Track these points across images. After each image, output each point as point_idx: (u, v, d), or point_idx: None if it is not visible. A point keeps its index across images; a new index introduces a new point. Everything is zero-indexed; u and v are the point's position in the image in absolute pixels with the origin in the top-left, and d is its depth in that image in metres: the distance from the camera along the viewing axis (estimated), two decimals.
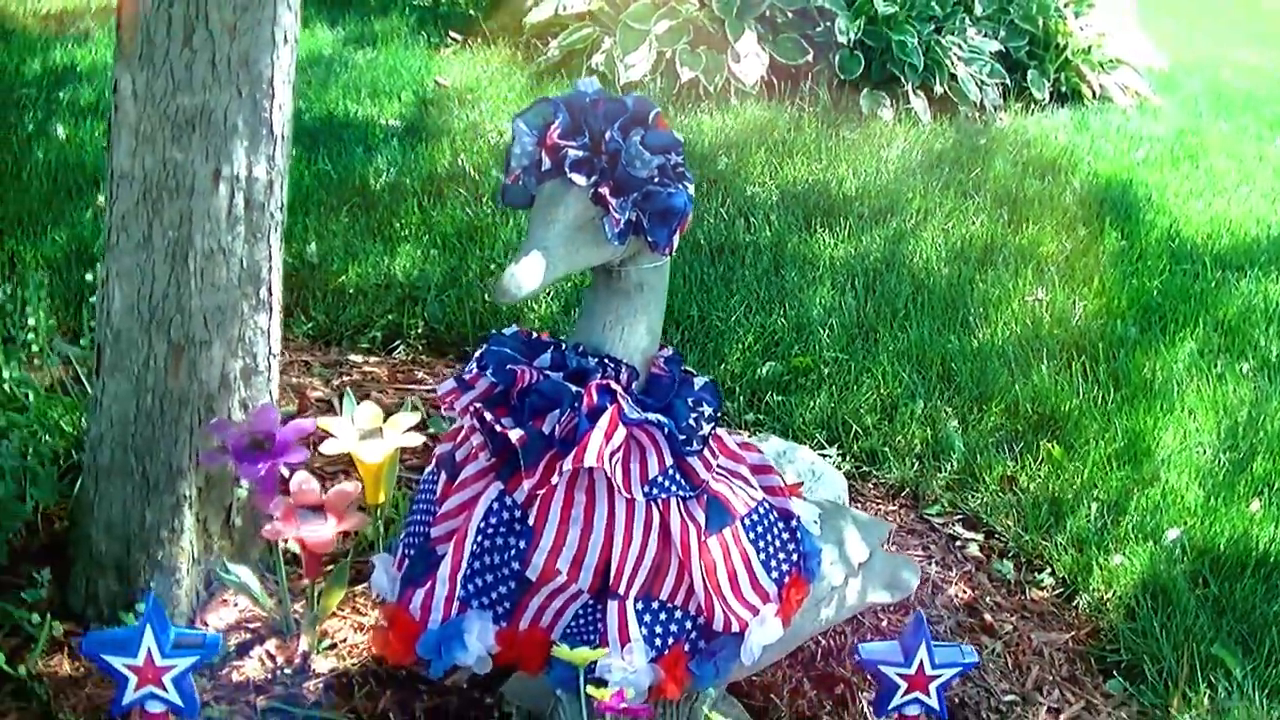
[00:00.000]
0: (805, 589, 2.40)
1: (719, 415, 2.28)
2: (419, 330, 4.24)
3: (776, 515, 2.40)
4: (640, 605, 2.22)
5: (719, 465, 2.34)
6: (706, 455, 2.27)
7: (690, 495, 2.23)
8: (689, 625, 2.26)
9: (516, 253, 2.06)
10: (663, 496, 2.20)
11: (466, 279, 4.50)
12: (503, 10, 7.74)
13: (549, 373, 2.19)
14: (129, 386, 2.59)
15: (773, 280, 4.78)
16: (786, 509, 2.42)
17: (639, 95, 2.18)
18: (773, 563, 2.35)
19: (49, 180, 4.87)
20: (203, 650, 2.14)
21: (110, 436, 2.63)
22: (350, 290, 4.36)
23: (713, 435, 2.30)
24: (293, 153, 2.67)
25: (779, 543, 2.37)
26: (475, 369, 2.27)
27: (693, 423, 2.22)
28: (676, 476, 2.21)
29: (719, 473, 2.33)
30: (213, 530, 2.74)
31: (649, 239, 2.14)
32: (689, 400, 2.25)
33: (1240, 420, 4.20)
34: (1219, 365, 4.57)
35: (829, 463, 3.43)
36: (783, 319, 4.51)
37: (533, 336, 2.30)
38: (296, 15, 2.56)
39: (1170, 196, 6.35)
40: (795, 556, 2.39)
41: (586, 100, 2.15)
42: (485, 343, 3.81)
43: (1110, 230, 5.67)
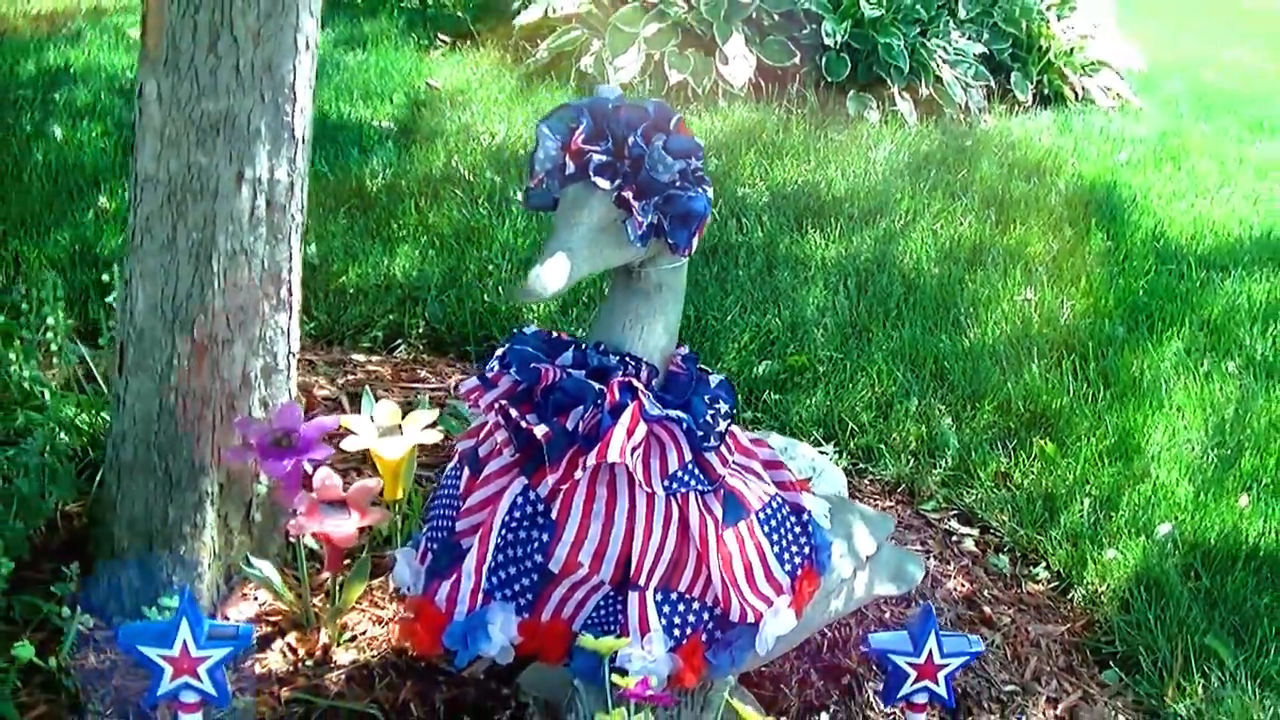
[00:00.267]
0: (817, 581, 2.47)
1: (734, 412, 2.35)
2: (420, 330, 4.29)
3: (789, 509, 2.46)
4: (660, 597, 2.29)
5: (733, 461, 2.40)
6: (723, 451, 2.33)
7: (708, 490, 2.30)
8: (706, 616, 2.32)
9: (540, 254, 2.12)
10: (682, 491, 2.26)
11: (465, 279, 4.56)
12: (491, 12, 7.81)
13: (571, 371, 2.25)
14: (152, 385, 2.64)
15: (766, 280, 4.85)
16: (798, 503, 2.49)
17: (659, 101, 2.24)
18: (786, 555, 2.41)
19: (49, 181, 4.92)
20: (236, 641, 2.19)
21: (133, 434, 2.68)
22: (351, 290, 4.41)
23: (728, 431, 2.37)
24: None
25: (791, 536, 2.44)
26: (497, 367, 2.33)
27: (710, 419, 2.29)
28: (695, 471, 2.28)
29: (733, 468, 2.39)
30: (233, 526, 2.79)
31: (669, 241, 2.21)
32: (705, 397, 2.32)
33: (1227, 417, 4.28)
34: (1205, 364, 4.65)
35: (827, 460, 3.50)
36: (777, 319, 4.58)
37: (552, 335, 2.36)
38: (318, 21, 2.62)
39: (1154, 198, 6.44)
40: (807, 549, 2.45)
41: (609, 106, 2.22)
42: (484, 341, 3.87)
43: (1096, 231, 5.76)
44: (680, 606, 2.30)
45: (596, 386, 2.21)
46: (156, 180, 2.55)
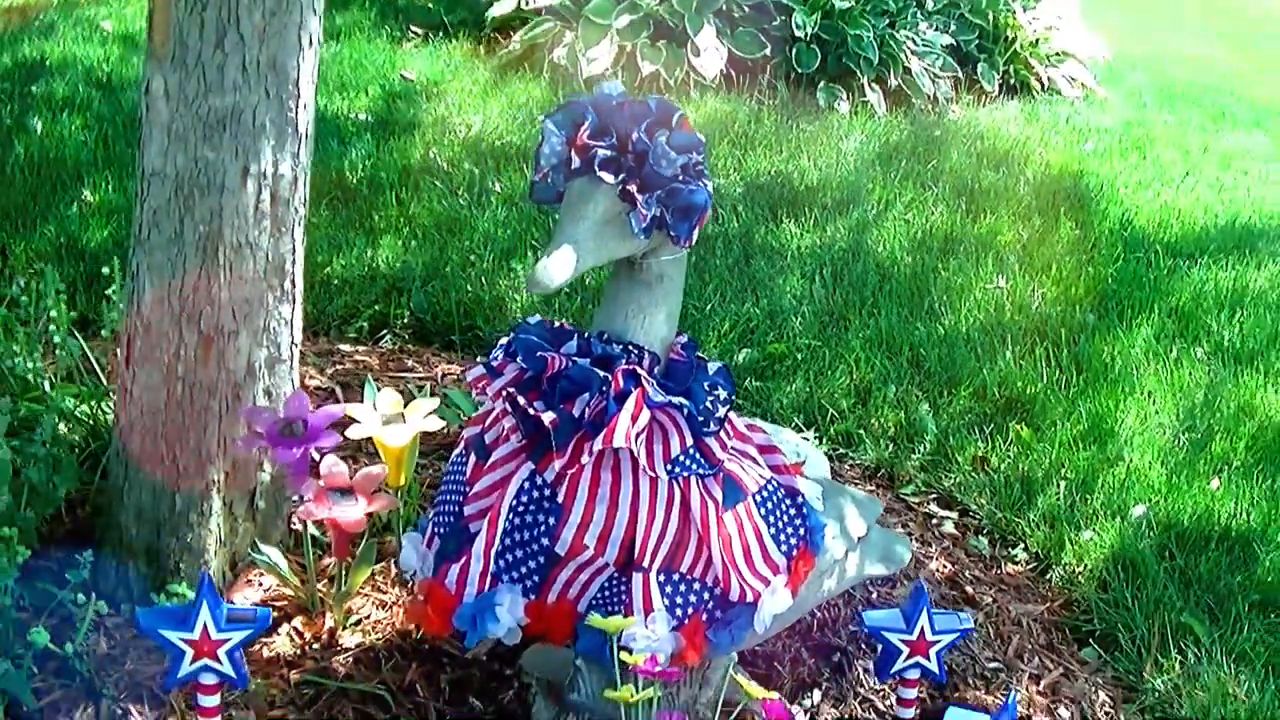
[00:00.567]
0: (812, 561, 2.55)
1: (733, 398, 2.42)
2: (405, 320, 4.35)
3: (784, 492, 2.54)
4: (662, 577, 2.36)
5: (731, 446, 2.48)
6: (722, 436, 2.41)
7: (708, 473, 2.37)
8: (707, 596, 2.40)
9: (548, 246, 2.19)
10: (683, 475, 2.34)
11: (448, 270, 4.61)
12: (463, 4, 7.85)
13: (577, 359, 2.32)
14: (159, 376, 2.70)
15: (744, 270, 4.92)
16: (792, 486, 2.57)
17: (661, 98, 2.31)
18: (781, 536, 2.49)
19: (32, 175, 4.95)
20: (254, 624, 2.26)
21: (140, 424, 2.74)
22: (336, 281, 4.47)
23: (726, 417, 2.44)
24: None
25: (787, 518, 2.52)
26: (502, 356, 2.40)
27: (709, 405, 2.36)
28: (696, 455, 2.35)
29: (731, 453, 2.46)
30: (238, 514, 2.85)
31: (671, 233, 2.28)
32: (705, 384, 2.39)
33: (1197, 402, 4.38)
34: (1175, 350, 4.75)
35: (811, 445, 3.57)
36: (756, 307, 4.65)
37: (555, 325, 2.43)
38: (320, 18, 2.67)
39: (1120, 187, 6.54)
40: (802, 531, 2.54)
41: (612, 102, 2.29)
42: (468, 331, 3.94)
43: (1065, 220, 5.85)
44: (682, 587, 2.38)
45: (601, 374, 2.29)
46: (164, 175, 2.61)
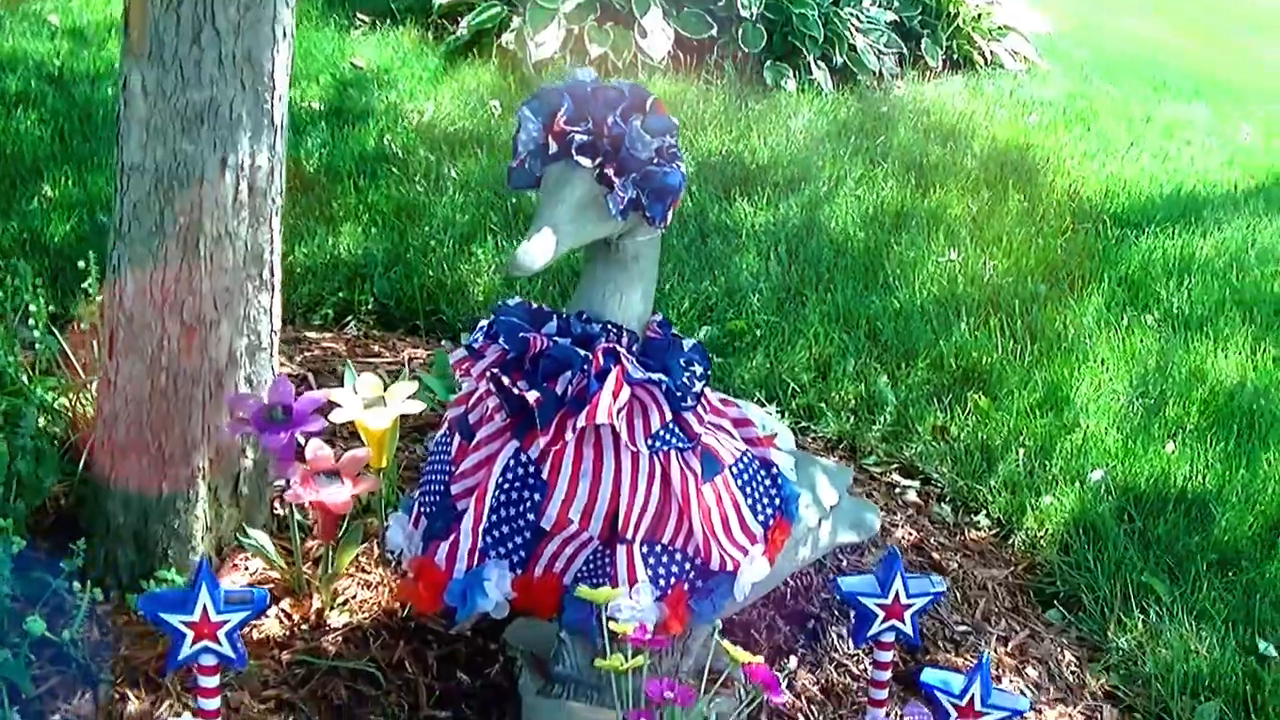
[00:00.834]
0: (788, 530, 2.63)
1: (708, 373, 2.49)
2: (369, 306, 4.40)
3: (759, 464, 2.62)
4: (645, 549, 2.43)
5: (707, 420, 2.55)
6: (699, 410, 2.48)
7: (687, 447, 2.44)
8: (688, 566, 2.47)
9: (529, 230, 2.25)
10: (663, 449, 2.41)
11: (409, 255, 4.66)
12: None
13: (557, 339, 2.39)
14: (143, 366, 2.74)
15: (700, 249, 4.99)
16: (766, 458, 2.64)
17: (634, 83, 2.38)
18: (758, 507, 2.57)
19: None
20: (252, 605, 2.31)
21: (125, 415, 2.78)
22: (299, 269, 4.50)
23: (703, 392, 2.51)
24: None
25: (763, 489, 2.59)
26: (483, 338, 2.46)
27: (687, 381, 2.43)
28: (675, 430, 2.43)
29: (708, 426, 2.54)
30: (222, 499, 2.90)
31: (647, 214, 2.35)
32: (681, 360, 2.46)
33: (1149, 368, 4.48)
34: (1125, 318, 4.85)
35: (775, 419, 3.65)
36: (714, 285, 4.72)
37: (533, 307, 2.50)
38: (293, 11, 2.72)
39: (1066, 159, 6.64)
40: (778, 501, 2.61)
41: (587, 89, 2.35)
42: (431, 315, 3.99)
43: (1013, 192, 5.94)
44: (664, 558, 2.45)
45: (582, 353, 2.35)
46: (143, 169, 2.65)
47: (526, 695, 2.60)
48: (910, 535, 3.55)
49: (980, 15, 8.18)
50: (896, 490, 3.81)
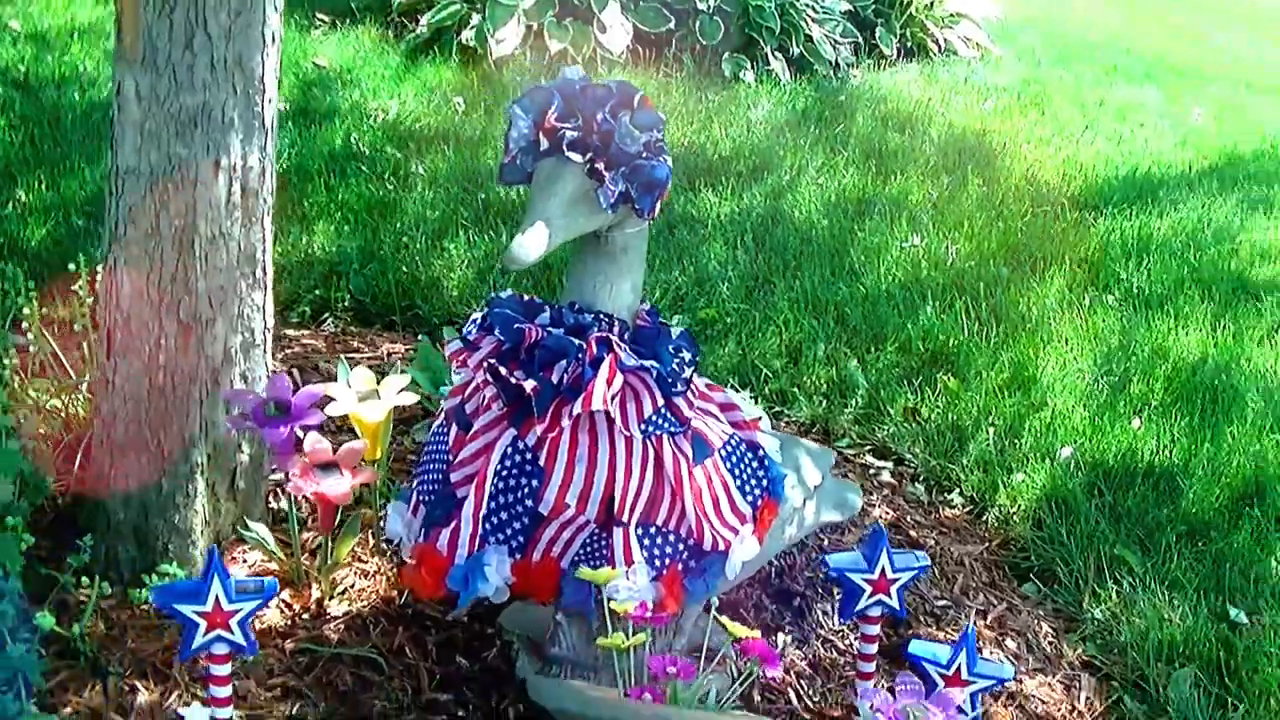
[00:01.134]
0: (776, 510, 2.71)
1: (697, 360, 2.57)
2: (345, 303, 4.45)
3: (746, 446, 2.70)
4: (640, 531, 2.51)
5: (695, 404, 2.63)
6: (689, 395, 2.56)
7: (678, 431, 2.52)
8: (682, 547, 2.55)
9: (522, 224, 2.33)
10: (656, 433, 2.49)
11: (383, 252, 4.72)
12: None
13: (551, 329, 2.46)
14: (141, 366, 2.80)
15: (668, 240, 5.06)
16: (753, 440, 2.73)
17: (621, 80, 2.46)
18: (747, 488, 2.65)
19: None
20: (262, 594, 2.38)
21: (124, 413, 2.84)
22: (275, 268, 4.54)
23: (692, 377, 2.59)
24: None
25: (750, 470, 2.68)
26: (477, 330, 2.53)
27: (676, 367, 2.51)
28: (667, 414, 2.51)
29: (696, 411, 2.61)
30: (220, 494, 2.95)
31: (636, 207, 2.43)
32: (670, 347, 2.54)
33: (1113, 347, 4.59)
34: (1087, 298, 4.96)
35: (752, 405, 3.73)
36: (683, 275, 4.80)
37: (525, 299, 2.57)
38: (280, 15, 2.78)
39: (1023, 143, 6.75)
40: (765, 482, 2.70)
41: (576, 87, 2.43)
42: (407, 311, 4.05)
43: (972, 177, 6.04)
44: (659, 539, 2.53)
45: (576, 342, 2.43)
46: (138, 172, 2.70)
47: (526, 676, 2.67)
48: (887, 515, 3.63)
49: (932, 3, 8.30)
50: (870, 471, 3.89)
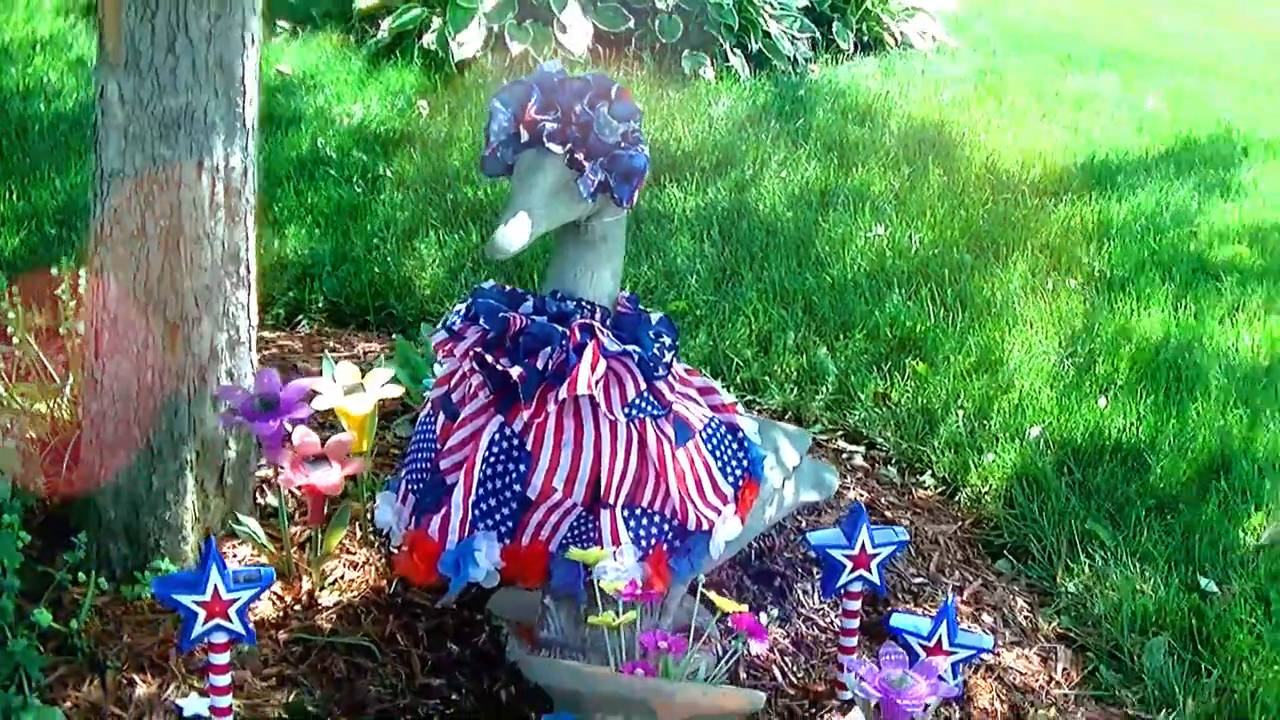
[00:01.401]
0: (756, 490, 2.77)
1: (676, 344, 2.63)
2: (319, 304, 4.50)
3: (726, 429, 2.76)
4: (626, 512, 2.57)
5: (675, 388, 2.69)
6: (669, 379, 2.62)
7: (661, 414, 2.59)
8: (666, 527, 2.61)
9: (503, 214, 2.39)
10: (639, 416, 2.55)
11: (355, 254, 4.77)
12: None
13: (535, 317, 2.52)
14: (129, 365, 2.84)
15: (636, 234, 5.12)
16: (733, 423, 2.79)
17: (599, 74, 2.52)
18: (728, 469, 2.71)
19: None
20: (260, 583, 2.43)
21: (113, 412, 2.88)
22: None
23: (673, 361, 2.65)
24: None
25: (731, 452, 2.74)
26: (463, 320, 2.59)
27: (657, 352, 2.57)
28: (649, 398, 2.57)
29: (676, 394, 2.68)
30: (209, 490, 3.00)
31: (614, 196, 2.49)
32: (650, 333, 2.60)
33: (1077, 329, 4.67)
34: (1050, 282, 5.04)
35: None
36: (652, 269, 4.86)
37: (507, 289, 2.63)
38: (259, 18, 2.84)
39: (981, 133, 6.83)
40: (745, 463, 2.76)
41: (554, 80, 2.49)
42: (381, 311, 4.08)
43: (933, 167, 6.13)
44: (644, 520, 2.59)
45: (560, 329, 2.49)
46: (123, 174, 2.75)
47: (517, 657, 2.73)
48: (861, 497, 3.70)
49: None
50: (844, 456, 3.96)
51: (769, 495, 2.88)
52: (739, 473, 2.73)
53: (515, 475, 2.54)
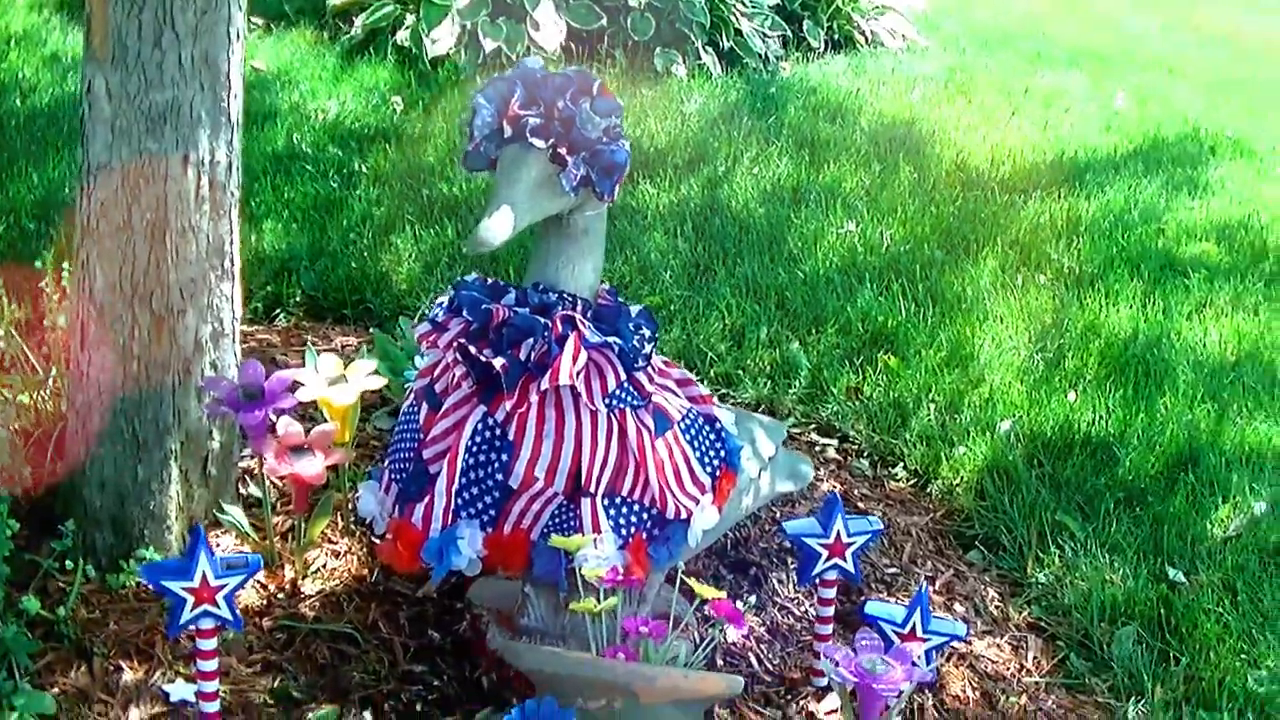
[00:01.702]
0: (734, 479, 2.82)
1: (656, 337, 2.68)
2: (297, 298, 4.53)
3: (703, 420, 2.81)
4: (606, 501, 2.62)
5: (655, 380, 2.74)
6: (649, 371, 2.67)
7: (640, 405, 2.63)
8: (645, 516, 2.66)
9: (487, 208, 2.43)
10: (619, 407, 2.60)
11: (332, 249, 4.81)
12: None
13: (517, 309, 2.57)
14: (115, 356, 2.88)
15: (611, 230, 5.13)
16: (710, 414, 2.84)
17: (580, 69, 2.56)
18: (706, 459, 2.76)
19: None
20: (247, 569, 2.47)
21: (99, 403, 2.92)
22: None
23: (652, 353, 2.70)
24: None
25: (708, 442, 2.79)
26: (446, 312, 2.63)
27: (637, 343, 2.62)
28: (629, 389, 2.61)
29: (655, 386, 2.72)
30: (193, 480, 3.04)
31: (596, 190, 2.54)
32: (630, 325, 2.64)
33: (1046, 324, 4.73)
34: (1019, 278, 5.10)
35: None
36: (626, 264, 4.91)
37: (489, 281, 2.68)
38: (244, 13, 2.87)
39: (951, 131, 6.89)
40: (722, 453, 2.81)
41: (537, 76, 2.53)
42: (358, 305, 4.12)
43: (903, 165, 6.18)
44: (624, 509, 2.63)
45: (543, 321, 2.53)
46: (110, 168, 2.78)
47: (500, 645, 2.77)
48: (835, 487, 3.75)
49: None
50: (816, 449, 4.01)
51: (745, 485, 2.93)
52: (716, 463, 2.78)
53: (498, 464, 2.58)
